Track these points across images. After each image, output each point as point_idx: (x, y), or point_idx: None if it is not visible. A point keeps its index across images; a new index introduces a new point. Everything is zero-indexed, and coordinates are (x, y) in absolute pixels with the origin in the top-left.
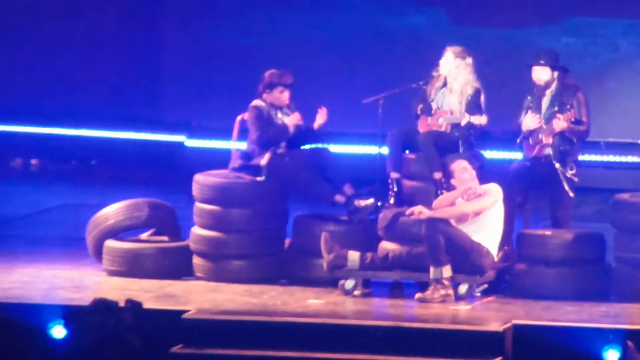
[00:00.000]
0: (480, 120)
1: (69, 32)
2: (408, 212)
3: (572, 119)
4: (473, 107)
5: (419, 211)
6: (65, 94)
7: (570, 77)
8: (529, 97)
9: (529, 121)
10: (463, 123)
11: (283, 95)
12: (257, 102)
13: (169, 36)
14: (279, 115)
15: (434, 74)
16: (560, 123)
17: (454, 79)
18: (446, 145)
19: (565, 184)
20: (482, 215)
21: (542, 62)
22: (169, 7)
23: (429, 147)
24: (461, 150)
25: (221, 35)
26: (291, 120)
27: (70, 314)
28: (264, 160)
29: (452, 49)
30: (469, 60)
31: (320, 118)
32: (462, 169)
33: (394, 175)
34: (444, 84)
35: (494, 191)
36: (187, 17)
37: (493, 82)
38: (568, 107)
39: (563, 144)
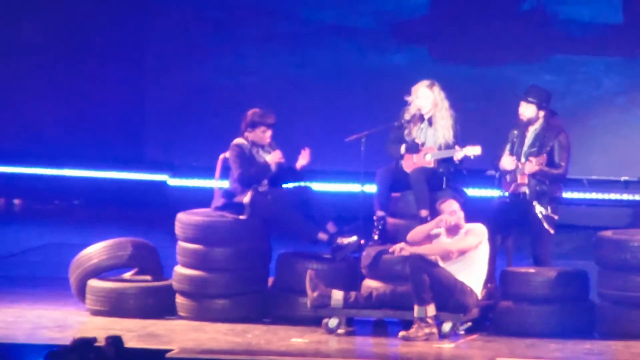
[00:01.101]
0: (474, 151)
1: (52, 74)
2: (391, 249)
3: (544, 163)
4: (458, 136)
5: (401, 248)
6: (48, 135)
7: (555, 119)
8: (515, 131)
9: (506, 162)
10: (458, 157)
11: (265, 135)
12: (238, 141)
13: (151, 77)
14: (261, 153)
15: (406, 115)
16: (531, 166)
17: (434, 112)
18: (431, 182)
19: (543, 222)
20: (467, 255)
21: (529, 98)
22: (151, 50)
23: (420, 185)
24: (444, 186)
25: (203, 75)
26: (272, 158)
27: (50, 355)
28: (246, 198)
29: (422, 84)
30: (437, 87)
31: (303, 159)
32: (451, 212)
33: (380, 213)
34: (421, 120)
35: (479, 232)
36: (169, 58)
37: (475, 120)
38: (550, 149)
39: (539, 184)
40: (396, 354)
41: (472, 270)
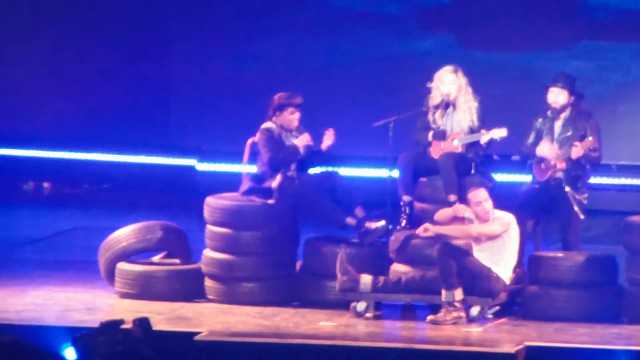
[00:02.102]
0: (501, 133)
1: (83, 61)
2: (417, 231)
3: (591, 148)
4: (484, 120)
5: (425, 228)
6: (78, 119)
7: (582, 103)
8: (540, 119)
9: (546, 150)
10: (484, 140)
11: (293, 117)
12: (267, 125)
13: (179, 63)
14: (289, 137)
15: (431, 102)
16: (578, 150)
17: (458, 96)
18: (460, 167)
19: (575, 206)
20: (495, 242)
21: (560, 84)
22: (179, 36)
23: (449, 170)
24: (473, 171)
25: (230, 61)
26: (301, 141)
27: (78, 337)
28: (275, 182)
29: (446, 70)
30: (461, 72)
31: (328, 139)
32: (477, 202)
33: (406, 198)
34: (446, 107)
35: (505, 221)
36: (197, 44)
37: (502, 106)
38: (584, 133)
39: (575, 169)
40: (424, 338)
41: (499, 257)
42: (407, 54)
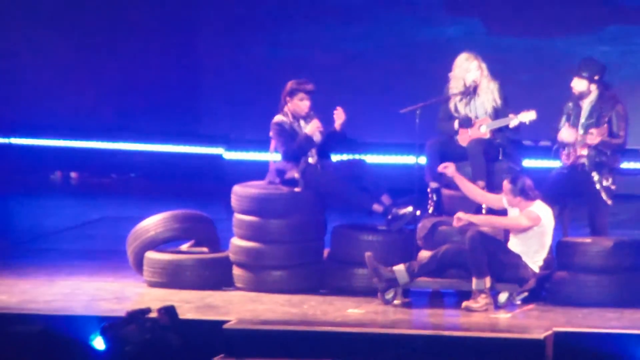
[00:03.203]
0: (530, 116)
1: (110, 49)
2: (454, 224)
3: (605, 134)
4: (507, 100)
5: (457, 218)
6: (106, 109)
7: (611, 89)
8: (570, 104)
9: (566, 135)
10: (512, 124)
11: (303, 103)
12: (277, 118)
13: (206, 51)
14: (302, 124)
15: (453, 90)
16: (593, 138)
17: (481, 81)
18: (488, 153)
19: (602, 192)
20: (527, 233)
21: (579, 73)
22: (207, 24)
23: (478, 156)
24: (501, 157)
25: (258, 49)
26: (311, 128)
27: (107, 327)
28: (297, 173)
29: (469, 57)
30: (480, 56)
31: (338, 118)
32: (511, 189)
33: (433, 184)
34: (467, 94)
35: (533, 216)
36: (224, 33)
37: (530, 92)
38: (609, 120)
39: (598, 155)
40: (452, 324)
41: (529, 248)
42: (434, 39)
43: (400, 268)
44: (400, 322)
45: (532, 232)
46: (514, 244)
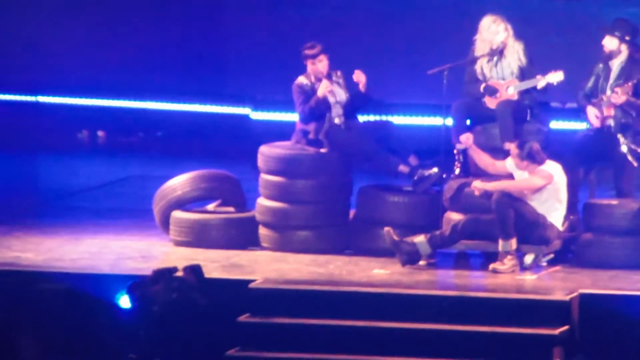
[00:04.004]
0: (557, 77)
1: (137, 12)
2: (475, 192)
3: (630, 93)
4: (532, 60)
5: (474, 187)
6: (133, 68)
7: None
8: (599, 65)
9: (591, 116)
10: (540, 85)
11: (320, 65)
12: (298, 80)
13: (234, 11)
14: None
15: (479, 52)
16: (617, 97)
17: (507, 43)
18: (516, 115)
19: (628, 154)
20: (542, 194)
21: (611, 32)
22: None
23: (506, 117)
24: (529, 119)
25: (285, 9)
26: (321, 90)
27: (133, 285)
28: (321, 134)
29: (495, 19)
30: (505, 19)
31: (358, 80)
32: (518, 153)
33: (460, 146)
34: (493, 56)
35: (546, 174)
36: None
37: (560, 53)
38: (634, 82)
39: (624, 116)
40: (478, 286)
41: (548, 207)
42: (463, 0)
43: (421, 239)
44: (426, 283)
45: (547, 192)
46: (534, 207)
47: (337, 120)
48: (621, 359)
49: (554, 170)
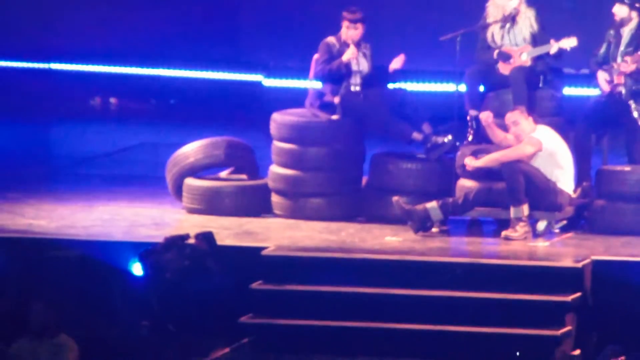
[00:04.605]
0: (570, 42)
1: None
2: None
3: None
4: (544, 26)
5: (466, 164)
6: (146, 34)
7: None
8: (611, 31)
9: (602, 82)
10: (553, 51)
11: (349, 32)
12: (328, 39)
13: None
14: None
15: (491, 18)
16: (627, 66)
17: (519, 9)
18: (529, 81)
19: (639, 121)
20: (536, 160)
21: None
22: None
23: (520, 84)
24: (542, 85)
25: None
26: (346, 55)
27: (146, 253)
28: (336, 98)
29: None
30: None
31: (396, 64)
32: (510, 124)
33: (473, 112)
34: (506, 22)
35: (534, 141)
36: None
37: (572, 20)
38: None
39: (635, 83)
40: (491, 252)
41: (550, 174)
42: None
43: (433, 205)
44: (438, 250)
45: (541, 158)
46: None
47: (353, 88)
48: (633, 325)
49: (543, 135)
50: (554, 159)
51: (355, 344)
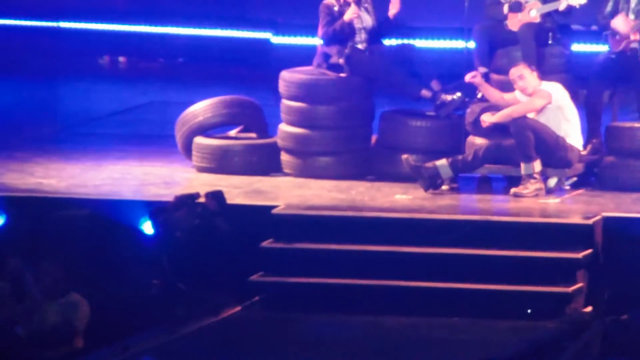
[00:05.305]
0: (580, 0)
1: None
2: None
3: None
4: None
5: (482, 120)
6: None
7: None
8: None
9: (620, 24)
10: (562, 7)
11: None
12: (326, 0)
13: None
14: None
15: None
16: None
17: None
18: (538, 38)
19: None
20: (544, 114)
21: None
22: None
23: (528, 41)
24: (551, 41)
25: None
26: (347, 14)
27: (156, 211)
28: (341, 59)
29: None
30: None
31: (393, 8)
32: (514, 79)
33: (482, 69)
34: None
35: (545, 94)
36: None
37: None
38: None
39: None
40: (501, 209)
41: (557, 127)
42: None
43: (443, 163)
44: (448, 207)
45: (549, 111)
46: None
47: (360, 46)
48: None
49: (551, 88)
50: (562, 112)
51: (365, 302)
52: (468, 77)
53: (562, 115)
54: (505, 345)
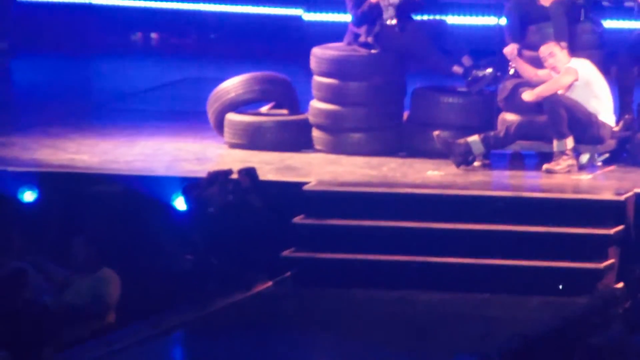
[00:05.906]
0: None
1: None
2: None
3: None
4: None
5: (523, 98)
6: None
7: None
8: None
9: None
10: None
11: None
12: None
13: None
14: None
15: None
16: None
17: None
18: (570, 14)
19: None
20: (573, 92)
21: None
22: None
23: (560, 17)
24: (582, 18)
25: None
26: None
27: (189, 187)
28: (370, 38)
29: None
30: None
31: None
32: (544, 57)
33: (514, 46)
34: None
35: (571, 71)
36: None
37: None
38: None
39: None
40: (534, 186)
41: (588, 104)
42: None
43: (475, 139)
44: (480, 183)
45: (578, 88)
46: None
47: (389, 22)
48: None
49: (579, 65)
50: (590, 88)
51: (396, 278)
52: (507, 50)
53: (591, 92)
54: (536, 321)
